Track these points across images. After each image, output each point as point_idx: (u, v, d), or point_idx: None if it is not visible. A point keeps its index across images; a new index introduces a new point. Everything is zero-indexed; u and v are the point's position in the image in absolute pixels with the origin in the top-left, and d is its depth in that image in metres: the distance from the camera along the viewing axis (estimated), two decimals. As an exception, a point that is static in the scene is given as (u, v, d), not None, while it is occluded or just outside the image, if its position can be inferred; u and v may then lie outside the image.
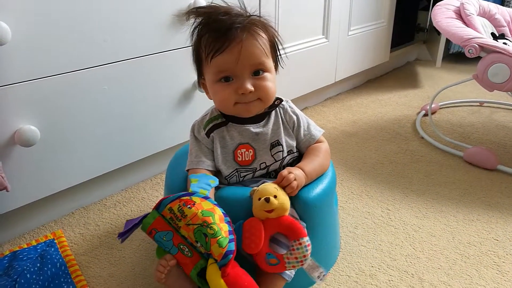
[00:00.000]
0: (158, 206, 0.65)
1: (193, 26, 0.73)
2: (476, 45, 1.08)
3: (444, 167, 1.19)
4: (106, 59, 0.91)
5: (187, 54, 1.05)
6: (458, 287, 0.77)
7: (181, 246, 0.63)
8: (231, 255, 0.61)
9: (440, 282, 0.78)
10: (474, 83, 1.15)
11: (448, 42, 2.08)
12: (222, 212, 0.65)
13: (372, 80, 2.01)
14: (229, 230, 0.63)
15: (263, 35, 0.71)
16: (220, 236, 0.61)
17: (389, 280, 0.79)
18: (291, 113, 0.79)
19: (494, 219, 0.96)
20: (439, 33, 1.82)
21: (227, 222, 0.64)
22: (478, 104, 1.66)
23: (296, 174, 0.70)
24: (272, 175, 0.79)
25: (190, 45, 0.75)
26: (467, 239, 0.90)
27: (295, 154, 0.81)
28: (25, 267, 0.76)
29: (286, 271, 0.68)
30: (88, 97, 0.91)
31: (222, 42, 0.68)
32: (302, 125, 0.79)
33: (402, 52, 2.13)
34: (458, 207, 1.01)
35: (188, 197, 0.64)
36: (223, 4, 0.73)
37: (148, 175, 1.16)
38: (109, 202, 1.05)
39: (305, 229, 0.72)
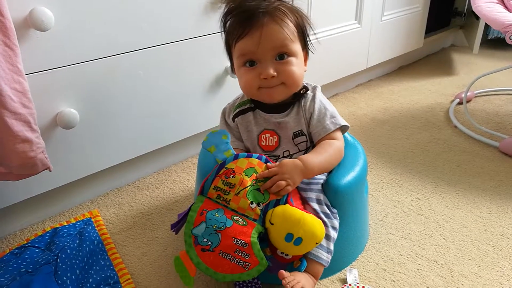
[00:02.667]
0: (202, 190, 0.68)
1: (223, 11, 0.74)
2: (518, 31, 1.04)
3: (478, 157, 1.16)
4: (142, 45, 0.93)
5: (219, 40, 1.06)
6: (489, 278, 0.76)
7: (235, 218, 0.65)
8: None
9: (470, 273, 0.77)
10: (513, 71, 1.11)
11: (486, 27, 2.00)
12: (256, 157, 0.70)
13: (405, 66, 1.96)
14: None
15: (288, 20, 0.71)
16: None
17: (418, 269, 0.79)
18: (311, 100, 0.77)
19: (529, 211, 0.94)
20: (477, 18, 1.75)
21: (266, 162, 0.70)
22: (516, 92, 1.60)
23: (287, 177, 0.67)
24: None
25: (220, 30, 0.76)
26: (500, 231, 0.88)
27: None
28: (65, 243, 0.80)
29: (323, 257, 0.69)
30: (124, 82, 0.93)
31: (244, 26, 0.70)
32: (316, 113, 0.76)
33: (437, 37, 2.06)
34: (492, 198, 0.98)
35: (224, 169, 0.67)
36: None
37: (179, 158, 1.19)
38: (142, 184, 1.09)
39: (337, 216, 0.73)
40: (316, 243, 0.65)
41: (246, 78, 0.73)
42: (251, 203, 0.65)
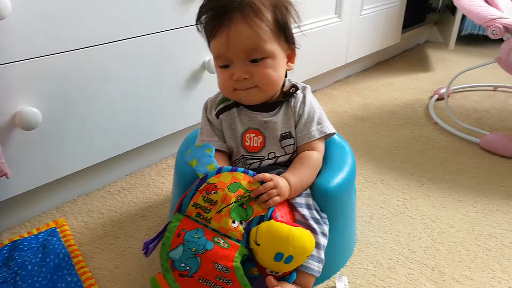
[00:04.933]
0: (180, 208, 0.61)
1: (200, 4, 0.68)
2: (501, 26, 1.02)
3: (459, 154, 1.15)
4: (112, 37, 0.86)
5: (195, 33, 1.00)
6: (480, 281, 0.74)
7: (216, 239, 0.59)
8: None
9: (462, 276, 0.75)
10: (487, 66, 1.10)
11: (461, 23, 2.01)
12: (242, 171, 0.64)
13: (382, 62, 1.95)
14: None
15: (263, 17, 0.64)
16: None
17: (409, 274, 0.76)
18: (301, 101, 0.72)
19: (515, 209, 0.92)
20: (453, 14, 1.75)
21: (253, 176, 0.64)
22: (492, 88, 1.60)
23: (280, 187, 0.63)
24: (280, 165, 0.74)
25: (196, 24, 0.70)
26: (487, 231, 0.86)
27: None
28: (26, 258, 0.72)
29: (314, 267, 0.64)
30: (92, 78, 0.86)
31: (213, 26, 0.64)
32: (305, 116, 0.72)
33: (412, 33, 2.06)
34: (477, 196, 0.97)
35: (205, 184, 0.61)
36: None
37: (153, 160, 1.11)
38: (113, 189, 1.01)
39: (327, 221, 0.68)
40: (307, 256, 0.60)
41: (221, 79, 0.69)
42: (233, 221, 0.59)
